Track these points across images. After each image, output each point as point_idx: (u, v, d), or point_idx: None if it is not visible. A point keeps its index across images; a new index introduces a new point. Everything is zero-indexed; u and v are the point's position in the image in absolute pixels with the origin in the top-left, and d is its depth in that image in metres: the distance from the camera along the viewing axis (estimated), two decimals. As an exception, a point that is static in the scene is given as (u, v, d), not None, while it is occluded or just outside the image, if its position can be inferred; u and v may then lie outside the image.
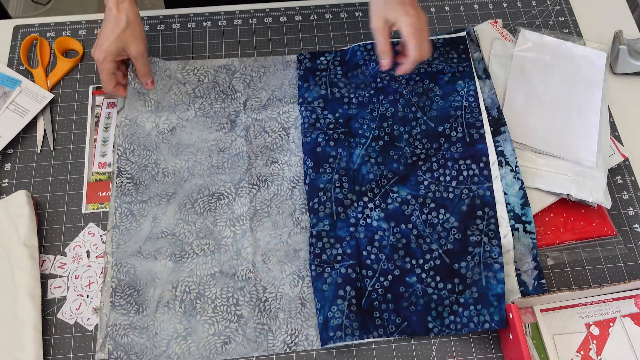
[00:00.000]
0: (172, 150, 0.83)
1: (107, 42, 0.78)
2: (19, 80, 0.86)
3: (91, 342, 0.71)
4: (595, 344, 0.71)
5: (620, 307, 0.73)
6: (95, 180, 0.82)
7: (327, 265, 0.74)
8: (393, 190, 0.79)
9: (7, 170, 0.82)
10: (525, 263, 0.75)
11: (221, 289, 0.74)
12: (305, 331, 0.73)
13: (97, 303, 0.74)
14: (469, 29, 0.92)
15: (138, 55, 0.80)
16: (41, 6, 2.07)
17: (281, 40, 0.93)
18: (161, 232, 0.77)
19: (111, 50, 0.78)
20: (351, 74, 0.88)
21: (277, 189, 0.81)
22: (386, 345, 0.73)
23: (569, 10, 0.98)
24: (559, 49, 0.91)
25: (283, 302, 0.74)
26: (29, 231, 0.74)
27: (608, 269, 0.78)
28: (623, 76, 0.92)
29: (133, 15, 0.78)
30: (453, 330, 0.72)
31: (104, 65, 0.79)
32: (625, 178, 0.84)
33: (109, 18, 0.78)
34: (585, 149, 0.81)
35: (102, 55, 0.78)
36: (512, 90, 0.87)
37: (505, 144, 0.81)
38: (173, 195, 0.80)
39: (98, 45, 0.78)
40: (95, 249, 0.77)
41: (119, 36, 0.77)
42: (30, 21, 0.94)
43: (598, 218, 0.79)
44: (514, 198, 0.77)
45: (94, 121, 0.86)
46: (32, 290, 0.71)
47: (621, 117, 0.89)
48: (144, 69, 0.82)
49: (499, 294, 0.72)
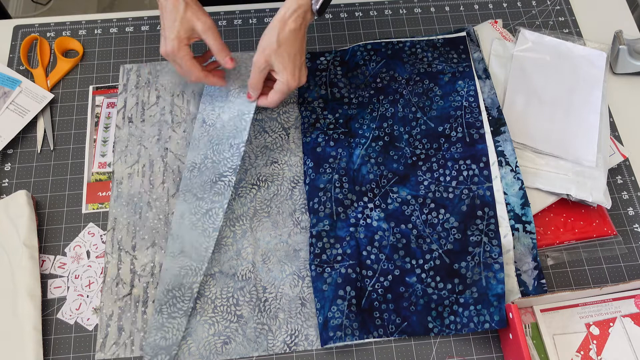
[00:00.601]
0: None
1: (173, 30, 0.72)
2: (19, 80, 0.86)
3: (91, 342, 0.72)
4: (595, 344, 0.71)
5: (620, 307, 0.73)
6: (95, 180, 0.82)
7: (327, 265, 0.74)
8: (393, 191, 0.79)
9: (7, 170, 0.82)
10: (525, 263, 0.75)
11: (221, 289, 0.74)
12: (305, 331, 0.73)
13: (97, 303, 0.74)
14: (469, 29, 0.92)
15: (206, 28, 0.73)
16: (41, 6, 2.07)
17: (281, 40, 0.93)
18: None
19: (180, 35, 0.72)
20: (351, 74, 0.88)
21: (277, 189, 0.81)
22: (386, 345, 0.73)
23: (569, 10, 0.98)
24: (559, 49, 0.91)
25: (283, 302, 0.74)
26: (29, 231, 0.74)
27: (608, 269, 0.78)
28: (623, 76, 0.92)
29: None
30: (453, 330, 0.72)
31: (180, 53, 0.73)
32: (625, 178, 0.84)
33: (166, 8, 0.72)
34: (585, 149, 0.81)
35: (174, 44, 0.72)
36: (512, 90, 0.87)
37: (505, 144, 0.81)
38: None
39: (165, 38, 0.73)
40: (95, 249, 0.77)
41: (182, 18, 0.72)
42: (30, 21, 0.94)
43: (598, 218, 0.79)
44: (514, 198, 0.77)
45: (94, 121, 0.86)
46: (32, 290, 0.71)
47: (621, 117, 0.89)
48: (216, 43, 0.74)
49: (499, 294, 0.72)
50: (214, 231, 0.75)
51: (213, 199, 0.76)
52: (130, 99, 0.86)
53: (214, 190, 0.77)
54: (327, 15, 0.96)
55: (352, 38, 0.94)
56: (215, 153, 0.78)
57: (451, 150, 0.81)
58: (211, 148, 0.79)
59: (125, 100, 0.86)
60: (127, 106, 0.86)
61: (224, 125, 0.79)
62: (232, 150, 0.77)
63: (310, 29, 0.94)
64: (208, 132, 0.80)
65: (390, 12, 0.97)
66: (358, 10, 0.97)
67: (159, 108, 0.86)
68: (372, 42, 0.90)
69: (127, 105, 0.86)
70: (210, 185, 0.77)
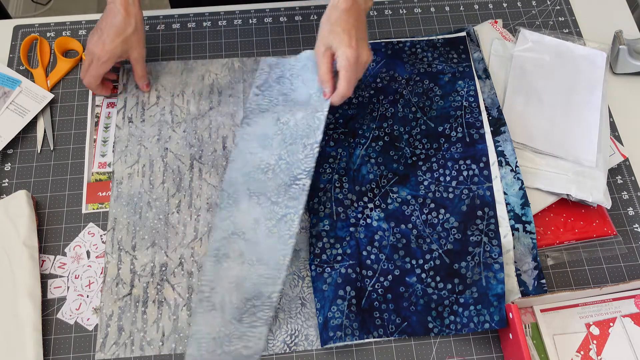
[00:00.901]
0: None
1: (113, 44, 0.78)
2: (19, 80, 0.86)
3: (91, 342, 0.71)
4: (595, 344, 0.71)
5: (620, 307, 0.73)
6: (95, 180, 0.82)
7: (327, 265, 0.74)
8: (393, 191, 0.79)
9: (7, 170, 0.82)
10: (525, 263, 0.75)
11: (221, 289, 0.74)
12: (305, 331, 0.73)
13: (97, 303, 0.74)
14: (469, 29, 0.92)
15: (139, 58, 0.82)
16: (41, 6, 2.07)
17: (281, 40, 0.93)
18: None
19: (116, 53, 0.79)
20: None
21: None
22: (386, 345, 0.73)
23: (569, 10, 0.98)
24: (559, 49, 0.91)
25: (283, 302, 0.74)
26: (29, 231, 0.74)
27: (608, 269, 0.78)
28: (623, 76, 0.92)
29: (140, 21, 0.79)
30: (453, 331, 0.72)
31: (105, 64, 0.80)
32: (625, 178, 0.84)
33: (116, 17, 0.77)
34: (585, 149, 0.81)
35: (106, 56, 0.79)
36: (512, 90, 0.87)
37: (505, 144, 0.81)
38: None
39: (102, 43, 0.78)
40: (95, 249, 0.77)
41: (125, 39, 0.78)
42: (30, 21, 0.94)
43: (598, 218, 0.79)
44: (514, 198, 0.77)
45: (94, 121, 0.86)
46: (32, 291, 0.71)
47: (621, 117, 0.89)
48: (141, 72, 0.84)
49: (499, 294, 0.72)
50: (290, 238, 0.72)
51: (288, 203, 0.73)
52: (131, 99, 0.86)
53: (288, 195, 0.74)
54: (327, 15, 0.96)
55: (352, 38, 0.94)
56: (289, 154, 0.75)
57: (451, 150, 0.81)
58: (285, 148, 0.76)
59: (126, 100, 0.86)
60: (127, 106, 0.86)
61: (297, 124, 0.76)
62: (305, 151, 0.74)
63: (310, 29, 0.94)
64: (282, 130, 0.77)
65: (390, 12, 0.97)
66: (358, 10, 0.97)
67: (159, 108, 0.86)
68: (371, 42, 0.90)
69: (127, 105, 0.86)
70: (285, 189, 0.74)
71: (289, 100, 0.80)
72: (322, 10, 0.96)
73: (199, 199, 0.80)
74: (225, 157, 0.82)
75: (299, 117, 0.76)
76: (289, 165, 0.75)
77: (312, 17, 0.96)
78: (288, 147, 0.75)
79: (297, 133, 0.75)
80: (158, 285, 0.74)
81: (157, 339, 0.72)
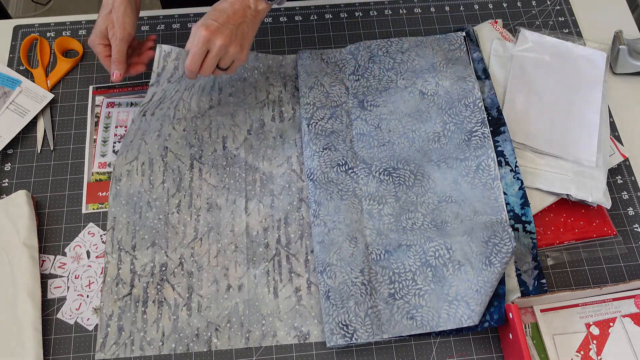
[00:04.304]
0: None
1: (95, 26, 0.78)
2: (19, 80, 0.86)
3: (91, 342, 0.72)
4: (595, 344, 0.71)
5: (620, 307, 0.73)
6: (95, 180, 0.82)
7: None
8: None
9: (7, 170, 0.82)
10: (525, 263, 0.75)
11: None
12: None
13: (97, 303, 0.74)
14: (468, 29, 0.92)
15: (114, 39, 0.77)
16: (41, 6, 2.07)
17: (281, 40, 0.93)
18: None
19: (96, 33, 0.78)
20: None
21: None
22: (386, 345, 0.73)
23: (569, 10, 0.98)
24: (559, 49, 0.90)
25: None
26: (29, 231, 0.74)
27: (608, 269, 0.78)
28: (623, 76, 0.92)
29: (118, 2, 0.77)
30: (453, 331, 0.72)
31: (95, 49, 0.79)
32: (625, 178, 0.84)
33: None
34: (585, 149, 0.81)
35: (91, 39, 0.79)
36: (512, 90, 0.87)
37: (505, 144, 0.81)
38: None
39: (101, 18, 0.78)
40: (95, 249, 0.77)
41: (103, 18, 0.78)
42: (30, 21, 0.94)
43: (598, 218, 0.79)
44: (513, 198, 0.77)
45: (94, 121, 0.86)
46: (32, 290, 0.71)
47: (621, 117, 0.89)
48: (117, 56, 0.78)
49: (499, 294, 0.72)
50: (493, 180, 0.77)
51: (475, 153, 0.78)
52: (158, 95, 0.80)
53: (471, 147, 0.79)
54: (327, 15, 0.96)
55: (352, 38, 0.94)
56: (452, 117, 0.81)
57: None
58: (445, 113, 0.82)
59: (153, 95, 0.79)
60: (153, 100, 0.80)
61: (448, 91, 0.83)
62: (470, 109, 0.81)
63: (310, 29, 0.94)
64: (434, 101, 0.83)
65: (390, 12, 0.97)
66: (358, 10, 0.97)
67: (168, 102, 0.82)
68: (371, 42, 0.90)
69: (153, 100, 0.80)
70: (466, 144, 0.79)
71: (407, 71, 0.86)
72: (322, 10, 0.96)
73: (199, 199, 0.80)
74: (225, 157, 0.82)
75: (447, 84, 0.83)
76: (457, 126, 0.80)
77: (312, 17, 0.96)
78: (447, 111, 0.82)
79: (453, 97, 0.82)
80: (158, 285, 0.74)
81: (157, 339, 0.72)
